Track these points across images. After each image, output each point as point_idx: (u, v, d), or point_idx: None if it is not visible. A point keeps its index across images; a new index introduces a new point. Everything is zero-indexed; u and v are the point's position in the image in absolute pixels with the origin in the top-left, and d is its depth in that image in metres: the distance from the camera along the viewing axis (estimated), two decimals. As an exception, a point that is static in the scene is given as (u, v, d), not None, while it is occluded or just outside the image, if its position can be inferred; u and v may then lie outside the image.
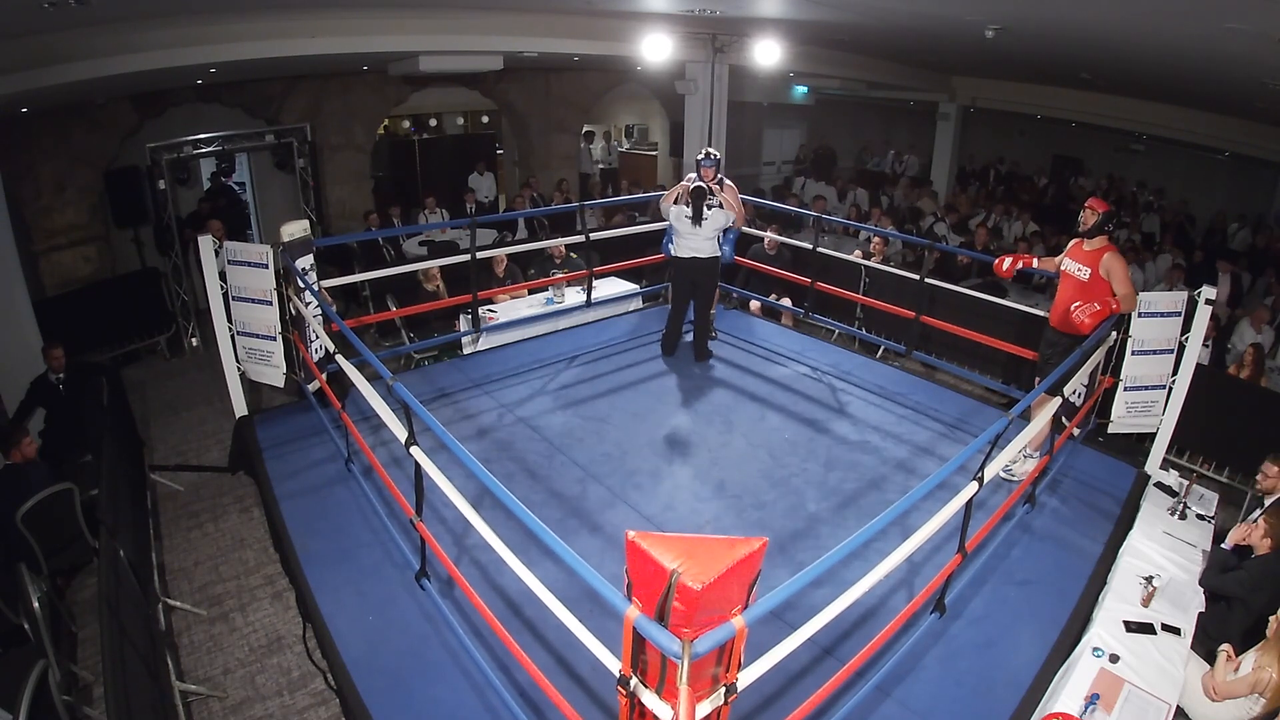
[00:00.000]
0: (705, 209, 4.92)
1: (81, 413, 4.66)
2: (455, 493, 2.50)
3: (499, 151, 11.52)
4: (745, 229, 6.88)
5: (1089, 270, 3.81)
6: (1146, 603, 3.13)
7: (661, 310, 6.15)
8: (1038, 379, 4.11)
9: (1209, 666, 2.91)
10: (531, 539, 2.11)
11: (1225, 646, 2.86)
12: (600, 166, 12.34)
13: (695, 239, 5.02)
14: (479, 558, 3.32)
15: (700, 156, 5.13)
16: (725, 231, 5.34)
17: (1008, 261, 4.27)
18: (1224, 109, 9.04)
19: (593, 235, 6.06)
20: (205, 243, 4.24)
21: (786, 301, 6.49)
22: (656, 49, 6.82)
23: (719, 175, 5.18)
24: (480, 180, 9.76)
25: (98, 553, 3.39)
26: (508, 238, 7.98)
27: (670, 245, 5.24)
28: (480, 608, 2.64)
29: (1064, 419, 3.87)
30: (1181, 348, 4.14)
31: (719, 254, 5.19)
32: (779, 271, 6.23)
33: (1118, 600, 3.16)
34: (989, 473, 2.79)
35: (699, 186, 4.91)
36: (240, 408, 4.61)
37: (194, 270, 6.79)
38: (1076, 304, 3.74)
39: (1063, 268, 3.97)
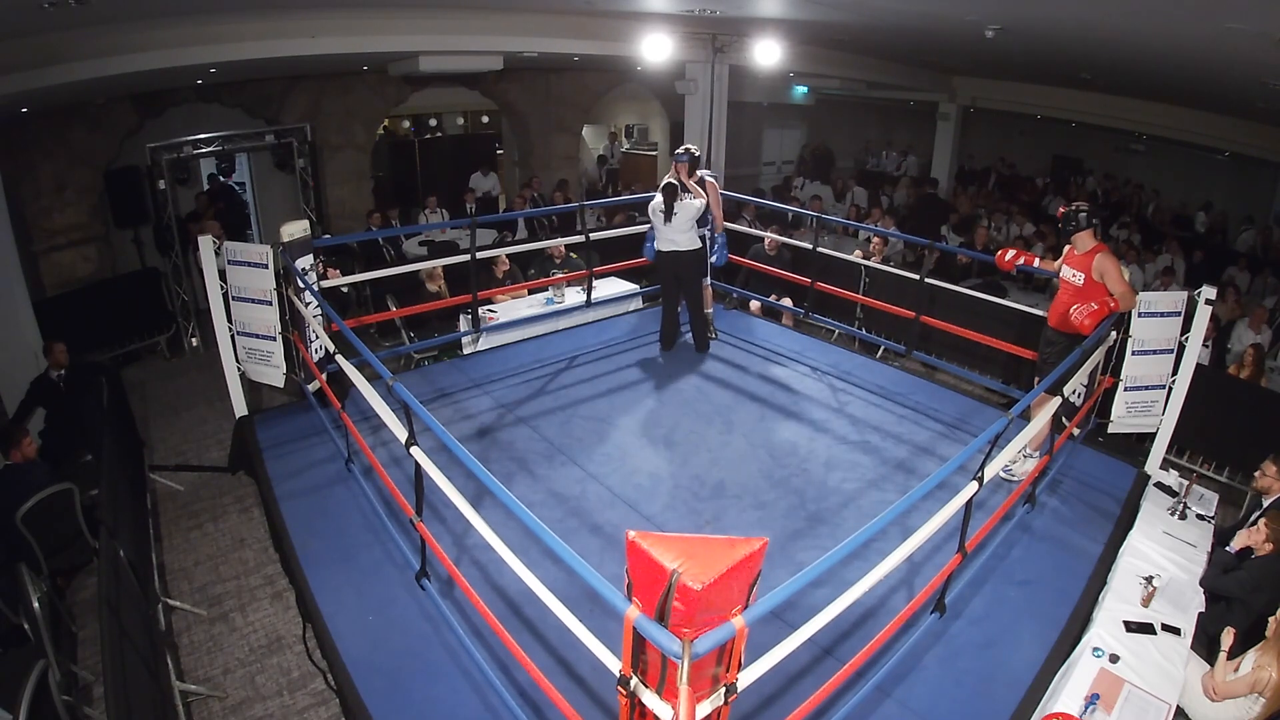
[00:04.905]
0: (675, 204, 5.02)
1: (82, 411, 4.66)
2: (455, 493, 2.50)
3: (499, 151, 11.52)
4: (745, 229, 6.92)
5: (1083, 275, 3.81)
6: (1146, 603, 3.14)
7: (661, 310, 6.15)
8: (1037, 379, 4.11)
9: (1209, 666, 2.91)
10: (531, 539, 2.10)
11: (1225, 635, 2.86)
12: (604, 168, 12.40)
13: (671, 232, 5.13)
14: (479, 558, 3.32)
15: (679, 151, 5.26)
16: (712, 235, 5.42)
17: (1010, 254, 4.28)
18: (1224, 109, 9.04)
19: (592, 235, 6.06)
20: (205, 243, 4.24)
21: (787, 301, 6.49)
22: (656, 49, 6.82)
23: (699, 173, 5.31)
24: (483, 180, 9.83)
25: (98, 553, 3.38)
26: (508, 238, 7.99)
27: (651, 244, 5.38)
28: (480, 608, 2.64)
29: (1064, 419, 3.87)
30: (1181, 348, 4.14)
31: (698, 246, 5.26)
32: (779, 271, 6.23)
33: (1118, 600, 3.16)
34: (989, 473, 2.78)
35: (669, 184, 5.04)
36: (240, 408, 4.61)
37: (194, 270, 6.79)
38: (1076, 306, 3.75)
39: (1060, 274, 3.99)
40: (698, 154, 5.32)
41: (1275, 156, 9.66)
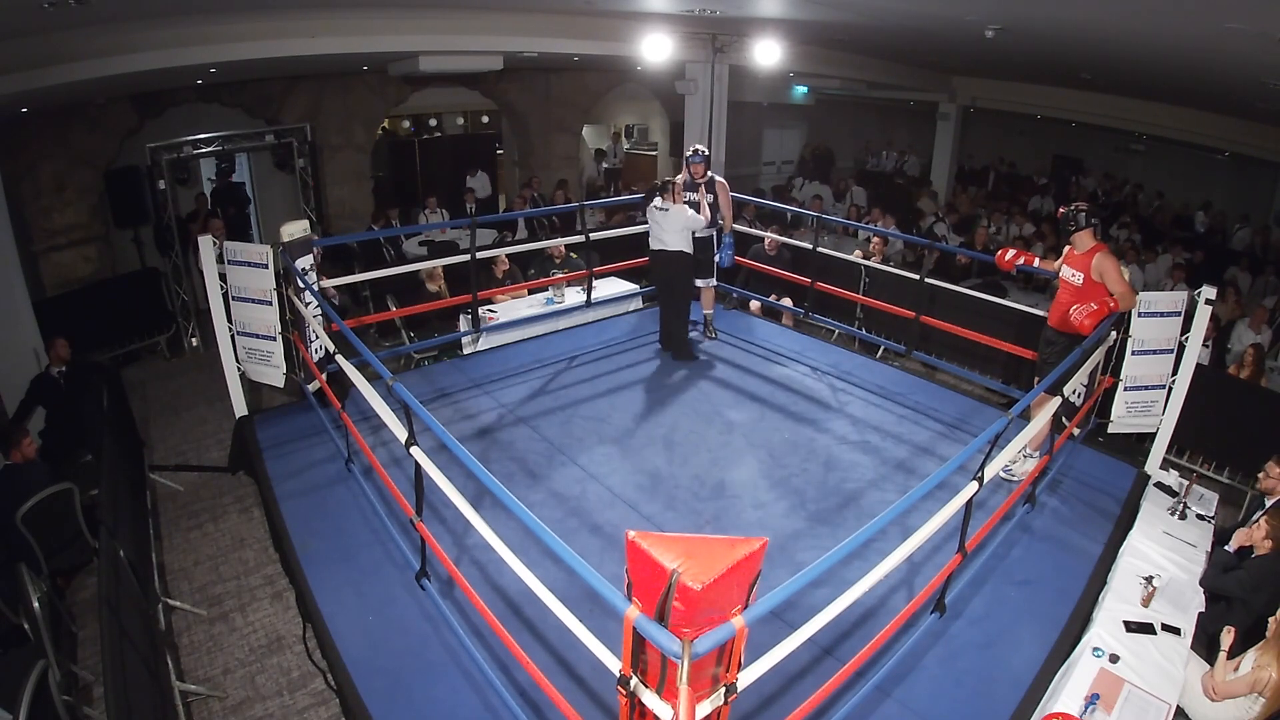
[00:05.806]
0: (671, 204, 5.04)
1: (82, 411, 4.66)
2: (455, 493, 2.50)
3: (499, 151, 11.52)
4: (745, 229, 6.92)
5: (1082, 275, 3.82)
6: (1146, 603, 3.14)
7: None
8: (1037, 379, 4.11)
9: (1209, 666, 2.91)
10: (531, 539, 2.10)
11: (1225, 635, 2.86)
12: (605, 167, 12.40)
13: (662, 231, 5.14)
14: (479, 558, 3.32)
15: (689, 153, 5.33)
16: (719, 236, 5.41)
17: (1010, 254, 4.29)
18: (1224, 109, 9.04)
19: (592, 235, 6.06)
20: (205, 243, 4.25)
21: (787, 301, 6.49)
22: (656, 49, 6.82)
23: (708, 172, 5.35)
24: (475, 181, 9.87)
25: (98, 553, 3.38)
26: (508, 238, 7.99)
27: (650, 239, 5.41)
28: (480, 608, 2.64)
29: (1064, 419, 3.87)
30: (1181, 348, 4.14)
31: (687, 249, 5.18)
32: (779, 271, 6.23)
33: (1118, 600, 3.16)
34: (989, 473, 2.78)
35: (666, 180, 5.07)
36: (240, 408, 4.61)
37: (194, 270, 6.79)
38: (1075, 306, 3.75)
39: (1059, 274, 3.99)
40: (706, 153, 5.33)
41: (1275, 156, 9.66)
